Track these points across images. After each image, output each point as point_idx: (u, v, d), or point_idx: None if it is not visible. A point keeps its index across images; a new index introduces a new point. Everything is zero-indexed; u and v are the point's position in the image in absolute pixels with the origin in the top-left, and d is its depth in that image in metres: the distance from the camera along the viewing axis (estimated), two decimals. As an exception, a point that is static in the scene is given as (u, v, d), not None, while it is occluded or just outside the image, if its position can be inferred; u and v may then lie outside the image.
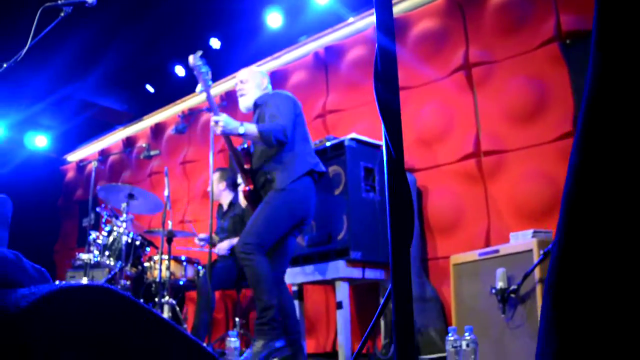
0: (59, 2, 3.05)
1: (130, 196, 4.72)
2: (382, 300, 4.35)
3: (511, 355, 3.39)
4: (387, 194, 1.10)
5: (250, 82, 3.98)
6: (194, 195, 6.73)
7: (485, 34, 4.67)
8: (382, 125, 1.19)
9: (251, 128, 3.59)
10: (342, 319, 4.14)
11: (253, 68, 4.17)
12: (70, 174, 9.03)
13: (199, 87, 3.71)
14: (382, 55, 1.17)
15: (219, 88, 6.52)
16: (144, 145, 5.26)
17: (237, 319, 4.97)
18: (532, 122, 4.30)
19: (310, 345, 5.11)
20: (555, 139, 4.14)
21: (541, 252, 3.20)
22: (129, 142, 7.69)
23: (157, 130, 7.36)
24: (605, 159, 0.96)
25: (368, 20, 5.40)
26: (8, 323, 0.63)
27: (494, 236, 4.30)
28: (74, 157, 8.87)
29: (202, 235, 5.07)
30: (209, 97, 3.74)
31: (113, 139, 7.99)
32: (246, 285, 5.04)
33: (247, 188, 3.86)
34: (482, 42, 4.68)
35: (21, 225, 7.67)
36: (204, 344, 4.18)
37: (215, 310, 5.68)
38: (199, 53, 3.71)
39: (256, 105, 3.90)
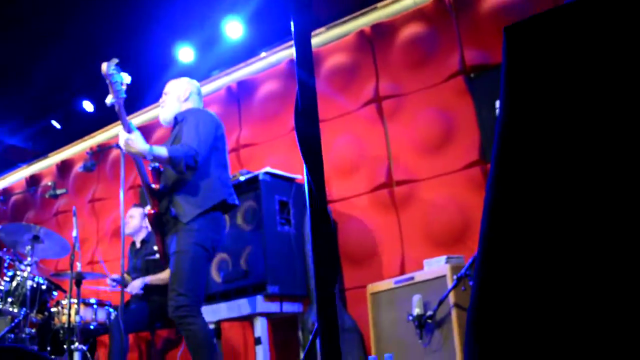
0: None
1: (35, 238, 4.48)
2: (309, 336, 4.32)
3: (430, 381, 3.43)
4: (310, 230, 1.08)
5: (171, 94, 3.65)
6: (103, 235, 6.48)
7: (395, 67, 4.82)
8: (304, 163, 1.18)
9: (161, 152, 3.23)
10: (262, 354, 4.06)
11: (181, 79, 3.77)
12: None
13: (109, 98, 3.14)
14: (303, 92, 1.17)
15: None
16: (49, 183, 5.02)
17: (152, 362, 4.80)
18: (441, 152, 4.44)
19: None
20: (463, 167, 4.29)
21: (454, 277, 3.29)
22: (33, 180, 7.34)
23: (64, 167, 7.07)
24: (517, 195, 1.00)
25: (281, 55, 5.46)
26: None
27: (408, 264, 4.38)
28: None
29: (114, 276, 4.87)
30: (120, 110, 3.27)
31: (16, 177, 7.61)
32: (160, 326, 4.87)
33: (152, 211, 3.49)
34: (391, 75, 4.82)
35: None
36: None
37: (130, 354, 5.45)
38: (114, 61, 3.31)
39: (176, 120, 3.58)
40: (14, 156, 7.29)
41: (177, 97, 3.64)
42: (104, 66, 3.18)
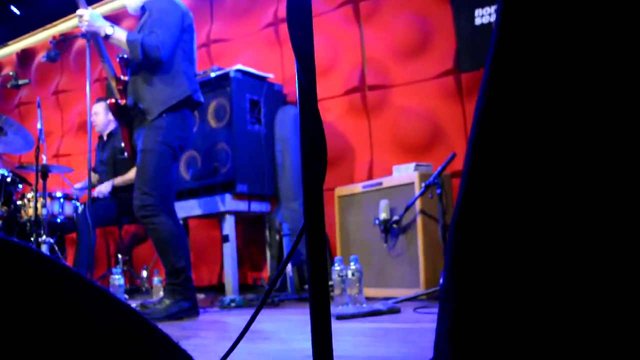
0: None
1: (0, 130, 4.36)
2: (276, 234, 4.39)
3: (393, 280, 3.56)
4: (300, 128, 1.06)
5: None
6: (68, 128, 6.35)
7: (373, -33, 4.65)
8: (295, 59, 1.13)
9: (120, 34, 3.19)
10: (229, 252, 4.14)
11: None
12: None
13: None
14: None
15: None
16: (10, 73, 4.82)
17: (119, 256, 4.85)
18: (416, 58, 4.39)
19: (196, 279, 5.07)
20: (437, 75, 4.26)
21: (422, 185, 3.34)
22: (-6, 68, 7.08)
23: (25, 56, 6.80)
24: (511, 105, 0.97)
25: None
26: None
27: (376, 169, 4.42)
28: None
29: (79, 185, 4.84)
30: None
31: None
32: (128, 221, 4.88)
33: (113, 100, 3.43)
34: (369, -25, 4.66)
35: None
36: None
37: (97, 248, 5.49)
38: None
39: (144, 10, 3.40)
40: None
41: None
42: None
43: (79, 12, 3.24)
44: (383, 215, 3.54)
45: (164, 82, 3.28)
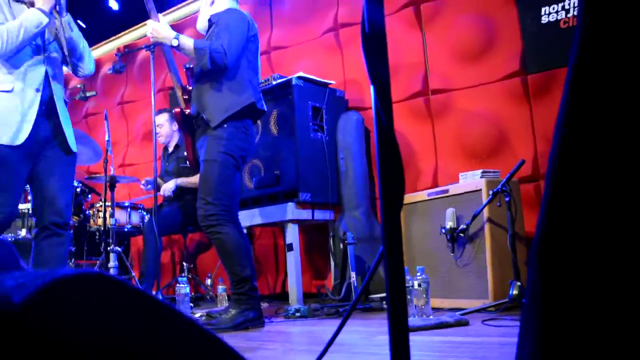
0: None
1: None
2: (340, 243, 4.36)
3: (460, 291, 3.47)
4: (378, 165, 1.03)
5: (202, 2, 3.58)
6: (133, 138, 6.50)
7: (434, -32, 4.57)
8: (372, 92, 1.10)
9: (187, 42, 3.24)
10: (293, 260, 4.13)
11: None
12: None
13: None
14: (370, 14, 1.06)
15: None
16: (78, 85, 4.97)
17: (184, 264, 4.91)
18: (480, 61, 4.28)
19: (260, 287, 5.10)
20: (503, 77, 4.14)
21: (490, 192, 3.23)
22: (62, 82, 7.32)
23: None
24: (600, 110, 0.90)
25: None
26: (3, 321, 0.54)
27: (441, 175, 4.33)
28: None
29: (148, 178, 4.93)
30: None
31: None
32: (192, 229, 4.95)
33: (179, 109, 3.49)
34: (430, -23, 4.58)
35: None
36: (154, 291, 4.06)
37: (162, 256, 5.59)
38: None
39: (210, 23, 3.48)
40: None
41: (205, 3, 3.56)
42: None
43: (149, 22, 3.31)
44: (449, 224, 3.45)
45: (228, 90, 3.29)
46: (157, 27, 3.27)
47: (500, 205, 3.18)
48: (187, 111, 3.48)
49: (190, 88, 3.49)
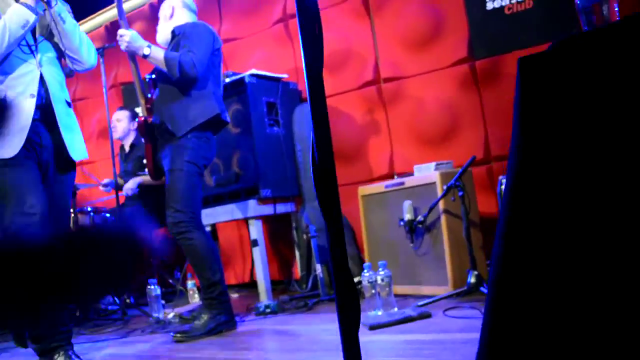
0: None
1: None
2: (303, 234, 4.47)
3: (421, 278, 3.64)
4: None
5: (160, 18, 3.69)
6: (88, 136, 6.42)
7: (379, -44, 4.60)
8: (305, 75, 1.24)
9: (157, 52, 3.32)
10: (259, 255, 4.23)
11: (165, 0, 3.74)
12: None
13: None
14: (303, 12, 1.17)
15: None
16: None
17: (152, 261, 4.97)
18: (429, 48, 4.37)
19: (228, 277, 5.21)
20: (452, 64, 4.25)
21: (444, 186, 3.38)
22: None
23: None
24: (534, 205, 1.06)
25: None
26: None
27: (397, 162, 4.46)
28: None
29: (106, 180, 4.93)
30: (119, 5, 3.38)
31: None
32: (157, 226, 4.99)
33: (142, 118, 3.56)
34: (375, -35, 4.62)
35: None
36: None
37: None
38: None
39: (174, 35, 3.58)
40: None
41: (164, 17, 3.66)
42: None
43: (120, 32, 3.35)
44: (407, 216, 3.60)
45: (194, 101, 3.40)
46: (131, 37, 3.32)
47: (454, 200, 3.33)
48: (150, 120, 3.53)
49: (152, 97, 3.54)
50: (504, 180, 3.20)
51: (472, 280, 3.25)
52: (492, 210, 3.98)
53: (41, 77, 2.66)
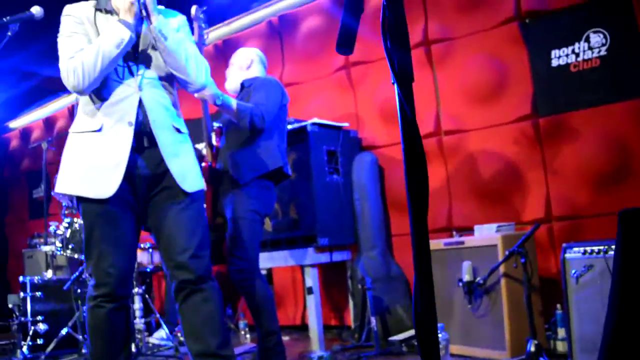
0: (5, 20, 2.90)
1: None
2: (358, 283, 4.47)
3: (477, 340, 3.59)
4: (403, 154, 1.18)
5: (234, 65, 3.78)
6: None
7: (445, 8, 4.62)
8: (396, 88, 1.23)
9: (231, 101, 3.37)
10: (313, 303, 4.25)
11: (244, 49, 3.89)
12: (14, 143, 8.69)
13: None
14: (392, 11, 1.16)
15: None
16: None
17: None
18: (491, 102, 4.35)
19: (279, 318, 5.23)
20: (514, 120, 4.22)
21: (506, 251, 3.35)
22: (76, 110, 7.39)
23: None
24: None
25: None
26: None
27: (455, 217, 4.43)
28: (16, 124, 8.51)
29: None
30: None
31: (58, 106, 7.67)
32: (213, 263, 5.07)
33: (207, 163, 3.65)
34: (441, 17, 4.64)
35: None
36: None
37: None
38: (203, 8, 3.51)
39: (243, 86, 3.70)
40: (56, 86, 7.31)
41: (239, 66, 3.75)
42: (194, 9, 3.47)
43: None
44: (467, 277, 3.57)
45: (259, 151, 3.49)
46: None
47: (516, 266, 3.29)
48: (214, 165, 3.65)
49: (217, 145, 3.66)
50: (567, 249, 3.15)
51: (532, 349, 3.19)
52: (551, 273, 3.92)
53: (140, 102, 2.38)
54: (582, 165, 3.92)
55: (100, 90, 2.37)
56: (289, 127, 4.48)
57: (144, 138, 2.41)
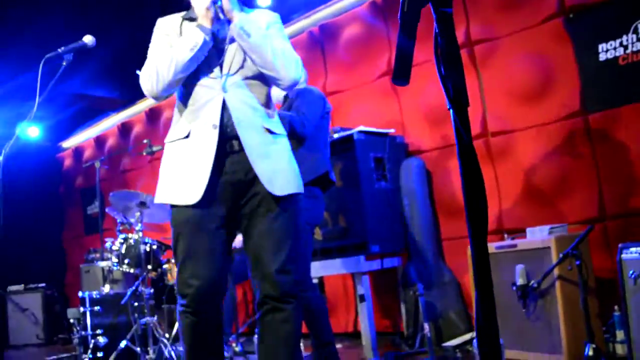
0: (60, 50, 3.01)
1: (142, 204, 4.72)
2: (409, 290, 4.46)
3: (533, 344, 3.54)
4: (462, 179, 1.17)
5: None
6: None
7: (486, 8, 4.58)
8: (452, 113, 1.23)
9: None
10: (365, 311, 4.26)
11: None
12: (68, 162, 8.99)
13: None
14: (444, 37, 1.17)
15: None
16: (145, 141, 5.23)
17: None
18: (538, 101, 4.29)
19: (332, 325, 5.26)
20: (563, 117, 4.14)
21: (560, 254, 3.29)
22: (125, 128, 7.60)
23: (153, 114, 7.26)
24: None
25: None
26: None
27: (506, 219, 4.38)
28: (69, 143, 8.80)
29: None
30: None
31: (108, 125, 7.90)
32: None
33: None
34: (482, 17, 4.60)
35: (26, 215, 7.73)
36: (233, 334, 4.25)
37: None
38: None
39: (286, 98, 3.73)
40: (105, 106, 7.54)
41: None
42: None
43: None
44: (520, 281, 3.52)
45: (304, 158, 3.47)
46: None
47: (571, 269, 3.23)
48: None
49: None
50: (624, 249, 3.08)
51: (590, 353, 3.12)
52: (607, 274, 3.82)
53: (224, 104, 2.28)
54: (635, 161, 3.83)
55: (187, 97, 2.34)
56: (335, 135, 4.51)
57: (232, 141, 2.29)
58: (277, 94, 3.79)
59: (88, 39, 2.96)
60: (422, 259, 4.49)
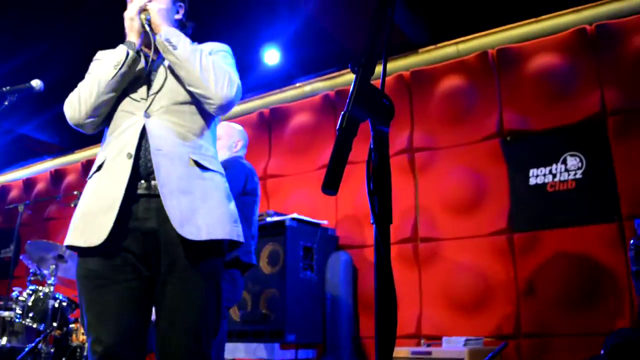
0: (4, 89, 2.93)
1: (60, 257, 4.55)
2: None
3: None
4: (375, 291, 1.16)
5: (222, 140, 3.46)
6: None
7: (431, 119, 4.78)
8: (374, 228, 1.23)
9: None
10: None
11: (234, 127, 3.59)
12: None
13: None
14: (377, 155, 1.19)
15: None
16: (75, 192, 5.11)
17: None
18: (469, 213, 4.44)
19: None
20: (490, 233, 4.28)
21: (473, 368, 3.32)
22: (57, 175, 7.39)
23: (90, 166, 7.09)
24: None
25: (316, 86, 5.43)
26: None
27: (425, 324, 4.40)
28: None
29: None
30: None
31: (40, 168, 7.66)
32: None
33: None
34: (427, 126, 4.80)
35: None
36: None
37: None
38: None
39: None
40: (40, 149, 7.34)
41: (227, 145, 3.50)
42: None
43: None
44: (431, 391, 3.52)
45: None
46: None
47: (481, 385, 3.26)
48: None
49: None
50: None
51: None
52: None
53: (143, 130, 1.93)
54: (553, 284, 3.96)
55: (109, 125, 2.01)
56: (269, 219, 4.50)
57: (150, 180, 1.91)
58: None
59: (36, 83, 2.89)
60: (338, 356, 4.43)
